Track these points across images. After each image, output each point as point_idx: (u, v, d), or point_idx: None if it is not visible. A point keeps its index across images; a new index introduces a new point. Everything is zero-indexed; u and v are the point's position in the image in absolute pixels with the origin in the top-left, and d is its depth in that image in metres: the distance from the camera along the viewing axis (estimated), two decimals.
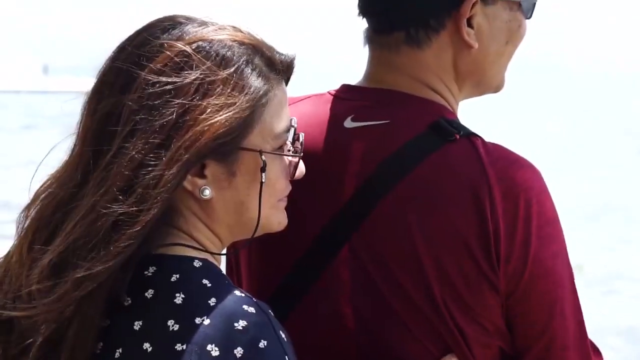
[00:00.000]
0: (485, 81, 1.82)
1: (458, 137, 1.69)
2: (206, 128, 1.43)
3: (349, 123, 1.74)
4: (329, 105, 1.77)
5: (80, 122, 1.50)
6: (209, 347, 1.39)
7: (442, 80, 1.78)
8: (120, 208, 1.41)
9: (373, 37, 1.78)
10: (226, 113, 1.44)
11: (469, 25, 1.75)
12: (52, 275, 1.42)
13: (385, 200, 1.68)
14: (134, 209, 1.41)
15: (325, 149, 1.73)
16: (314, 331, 1.72)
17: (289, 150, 1.54)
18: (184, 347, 1.39)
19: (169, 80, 1.44)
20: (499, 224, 1.65)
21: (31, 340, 1.44)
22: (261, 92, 1.48)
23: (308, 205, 1.71)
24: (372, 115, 1.73)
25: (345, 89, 1.80)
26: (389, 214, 1.68)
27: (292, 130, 1.55)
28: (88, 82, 1.52)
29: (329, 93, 1.81)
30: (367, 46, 1.81)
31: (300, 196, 1.67)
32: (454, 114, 1.76)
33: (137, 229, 1.41)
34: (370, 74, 1.80)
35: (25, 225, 1.49)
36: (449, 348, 1.68)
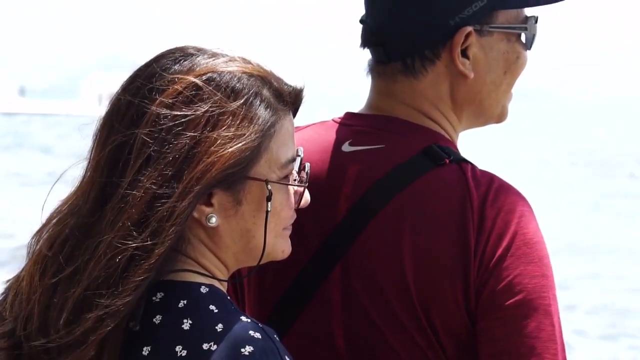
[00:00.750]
0: (484, 111, 1.87)
1: (448, 161, 1.74)
2: (216, 159, 1.46)
3: (346, 147, 1.79)
4: (331, 131, 1.83)
5: (91, 151, 1.52)
6: None
7: (438, 109, 1.82)
8: (135, 242, 1.43)
9: (374, 67, 1.84)
10: (236, 144, 1.47)
11: (465, 55, 1.80)
12: (75, 315, 1.44)
13: (374, 222, 1.73)
14: (149, 242, 1.43)
15: (324, 172, 1.79)
16: (308, 352, 1.76)
17: (294, 180, 1.57)
18: None
19: (179, 113, 1.47)
20: (480, 243, 1.70)
21: None
22: (269, 123, 1.51)
23: (306, 227, 1.74)
24: (368, 140, 1.79)
25: (348, 116, 1.86)
26: (378, 235, 1.73)
27: (298, 160, 1.58)
28: (65, 105, 1.54)
29: (333, 120, 1.87)
30: (369, 75, 1.86)
31: (301, 217, 1.70)
32: (449, 142, 1.81)
33: (152, 261, 1.44)
34: (370, 101, 1.86)
35: (37, 250, 1.51)
36: None
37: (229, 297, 1.53)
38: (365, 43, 1.85)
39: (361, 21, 1.86)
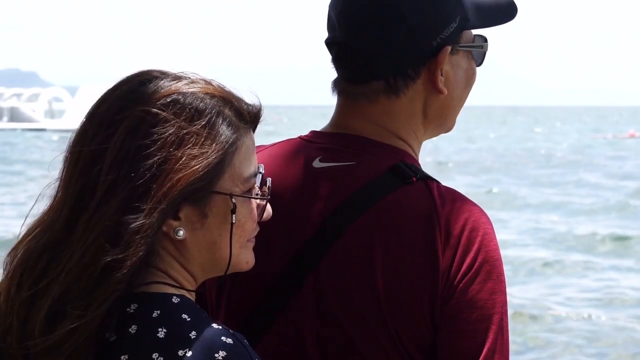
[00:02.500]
0: (446, 124, 1.97)
1: (415, 180, 1.82)
2: (182, 175, 1.54)
3: (317, 163, 1.86)
4: (300, 148, 1.90)
5: (62, 171, 1.60)
6: None
7: (410, 126, 1.91)
8: (108, 256, 1.51)
9: (346, 88, 1.90)
10: (200, 161, 1.55)
11: (440, 73, 1.89)
12: (49, 325, 1.51)
13: (346, 234, 1.80)
14: (121, 256, 1.51)
15: (295, 187, 1.85)
16: (280, 357, 1.82)
17: (257, 194, 1.65)
18: None
19: (147, 135, 1.55)
20: (446, 259, 1.77)
21: None
22: (231, 140, 1.60)
23: (278, 239, 1.82)
24: (338, 157, 1.86)
25: (315, 134, 1.93)
26: (350, 247, 1.80)
27: (259, 176, 1.66)
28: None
29: (300, 137, 1.93)
30: (336, 95, 1.93)
31: (270, 231, 1.79)
32: (413, 159, 1.89)
33: (124, 273, 1.51)
34: (338, 120, 1.92)
35: (13, 266, 1.58)
36: None
37: (198, 306, 1.60)
38: (341, 63, 1.89)
39: (332, 42, 1.90)
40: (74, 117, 73.58)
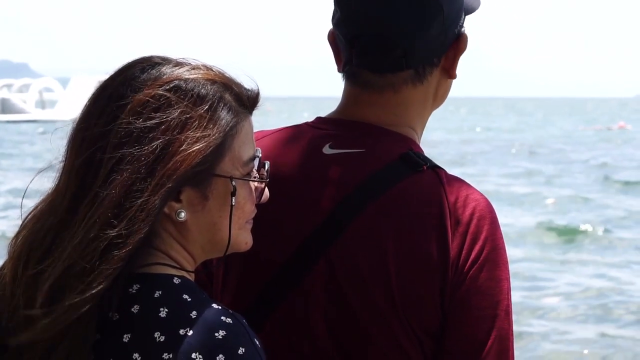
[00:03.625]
0: (442, 102, 2.02)
1: (425, 168, 1.87)
2: (185, 157, 1.58)
3: (327, 150, 1.89)
4: (308, 135, 1.93)
5: (66, 154, 1.63)
6: (193, 355, 1.52)
7: (421, 112, 1.96)
8: (112, 232, 1.54)
9: (372, 79, 1.92)
10: (202, 144, 1.59)
11: None
12: (52, 299, 1.54)
13: (359, 218, 1.83)
14: (124, 232, 1.54)
15: (304, 172, 1.88)
16: (288, 339, 1.86)
17: (255, 177, 1.69)
18: (171, 356, 1.53)
19: (150, 119, 1.59)
20: (456, 246, 1.82)
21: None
22: (231, 124, 1.64)
23: (289, 223, 1.86)
24: (348, 144, 1.89)
25: (322, 120, 1.96)
26: (363, 232, 1.83)
27: (257, 159, 1.70)
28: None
29: (306, 124, 1.96)
30: (350, 83, 1.95)
31: (281, 215, 1.84)
32: (419, 146, 1.94)
33: (126, 250, 1.55)
34: (348, 108, 1.95)
35: (18, 246, 1.61)
36: None
37: (198, 287, 1.64)
38: (374, 54, 1.89)
39: (360, 35, 1.90)
40: (66, 107, 73.56)
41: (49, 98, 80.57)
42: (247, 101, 1.69)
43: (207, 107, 1.62)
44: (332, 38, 1.98)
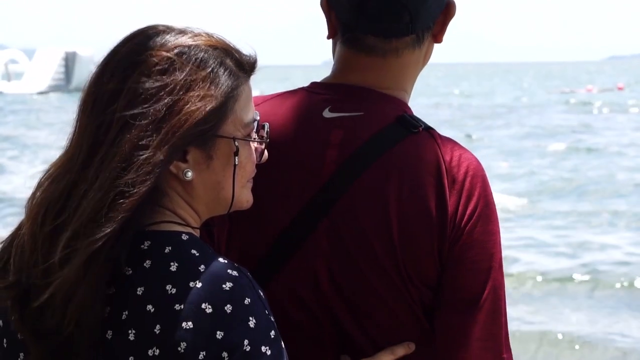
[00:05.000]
0: (425, 66, 2.11)
1: (420, 129, 1.96)
2: (189, 116, 1.67)
3: (327, 113, 1.98)
4: (307, 99, 2.01)
5: (78, 115, 1.72)
6: (203, 306, 1.62)
7: (413, 75, 2.05)
8: (120, 181, 1.63)
9: (377, 44, 1.99)
10: (205, 103, 1.69)
11: None
12: (67, 258, 1.63)
13: (361, 178, 1.92)
14: (130, 182, 1.63)
15: (306, 135, 1.97)
16: (294, 293, 1.95)
17: (255, 138, 1.79)
18: (182, 306, 1.62)
19: (157, 81, 1.68)
20: (452, 203, 1.92)
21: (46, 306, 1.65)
22: (232, 87, 1.73)
23: (292, 184, 1.95)
24: (347, 108, 1.98)
25: (318, 85, 2.04)
26: (365, 190, 1.92)
27: (256, 122, 1.80)
28: None
29: (303, 89, 2.05)
30: (348, 48, 2.01)
31: (284, 176, 1.93)
32: (410, 109, 2.03)
33: (132, 199, 1.64)
34: (345, 73, 2.02)
35: (34, 206, 1.70)
36: (414, 313, 1.93)
37: (205, 243, 1.73)
38: (384, 19, 1.95)
39: (365, 1, 1.94)
40: (32, 79, 72.88)
41: (14, 70, 79.85)
42: (246, 66, 1.78)
43: (209, 70, 1.71)
44: (326, 4, 2.04)
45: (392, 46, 1.99)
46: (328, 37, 2.08)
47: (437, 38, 2.05)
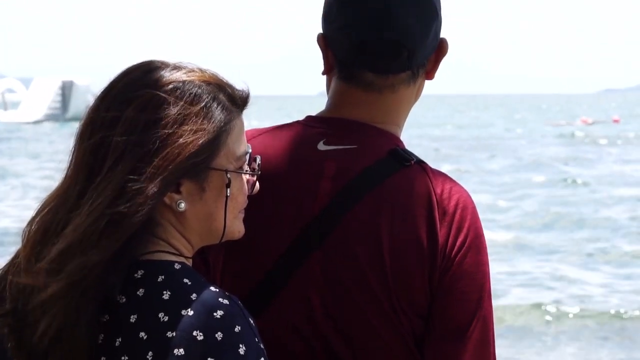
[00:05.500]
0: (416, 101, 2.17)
1: (412, 163, 2.02)
2: (182, 149, 1.73)
3: (321, 146, 2.04)
4: (302, 132, 2.07)
5: (73, 150, 1.78)
6: (194, 333, 1.66)
7: (406, 111, 2.12)
8: (112, 210, 1.68)
9: (374, 80, 2.05)
10: (198, 137, 1.74)
11: None
12: (59, 264, 1.68)
13: (355, 210, 1.98)
14: (124, 211, 1.68)
15: (301, 167, 2.02)
16: (289, 323, 2.00)
17: (247, 171, 1.85)
18: (174, 334, 1.66)
19: (151, 116, 1.74)
20: (443, 234, 1.98)
21: (40, 332, 1.69)
22: (224, 121, 1.79)
23: (286, 215, 1.99)
24: (341, 141, 2.04)
25: (313, 119, 2.10)
26: (359, 221, 1.98)
27: (248, 154, 1.85)
28: None
29: (298, 122, 2.10)
30: (343, 86, 2.07)
31: (278, 206, 1.98)
32: (402, 143, 2.09)
33: (125, 229, 1.69)
34: (340, 107, 2.08)
35: (31, 235, 1.75)
36: (406, 344, 1.98)
37: (197, 272, 1.78)
38: (382, 56, 2.02)
39: (372, 38, 2.01)
40: (29, 108, 72.91)
41: (11, 99, 79.93)
42: (239, 100, 1.84)
43: (202, 105, 1.77)
44: (324, 42, 2.09)
45: (388, 82, 2.06)
46: (323, 73, 2.14)
47: (430, 75, 2.12)
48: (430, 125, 67.49)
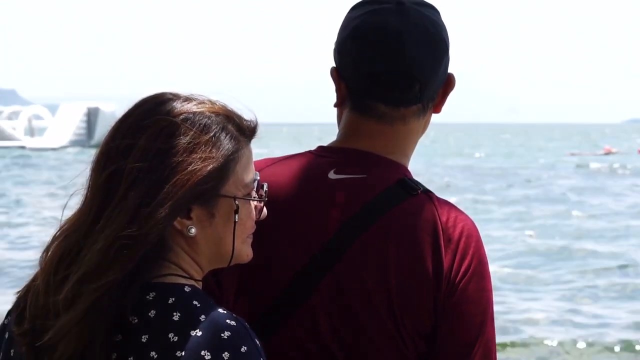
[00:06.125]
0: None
1: (419, 192, 2.11)
2: (191, 176, 1.82)
3: (332, 175, 2.12)
4: (313, 162, 2.16)
5: (91, 174, 1.87)
6: (202, 353, 1.74)
7: (414, 142, 2.21)
8: (125, 234, 1.77)
9: (387, 112, 2.14)
10: (206, 165, 1.83)
11: None
12: (73, 296, 1.77)
13: (363, 237, 2.06)
14: (134, 234, 1.77)
15: (312, 194, 2.11)
16: (299, 344, 2.08)
17: (254, 197, 1.94)
18: (183, 353, 1.74)
19: (162, 145, 1.83)
20: (448, 260, 2.06)
21: (59, 355, 1.78)
22: (232, 150, 1.88)
23: (298, 241, 2.08)
24: (351, 170, 2.13)
25: (324, 149, 2.19)
26: (366, 249, 2.06)
27: (256, 182, 1.94)
28: None
29: (310, 152, 2.20)
30: (356, 117, 2.16)
31: (290, 234, 2.08)
32: (410, 173, 2.17)
33: (135, 252, 1.78)
34: (351, 138, 2.17)
35: (48, 260, 1.84)
36: None
37: (206, 294, 1.86)
38: (396, 88, 2.10)
39: (385, 71, 2.09)
40: (55, 135, 73.43)
41: (38, 125, 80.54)
42: (247, 130, 1.93)
43: (211, 134, 1.86)
44: (336, 74, 2.18)
45: (400, 114, 2.14)
46: (335, 105, 2.23)
47: (437, 108, 2.21)
48: (457, 155, 67.36)
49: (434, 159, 55.60)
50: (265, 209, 1.98)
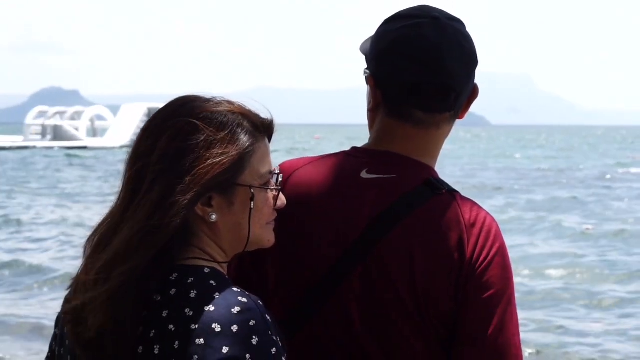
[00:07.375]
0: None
1: (444, 191, 2.29)
2: (210, 168, 2.02)
3: (364, 174, 2.31)
4: (347, 161, 2.34)
5: (125, 175, 2.09)
6: (213, 325, 1.92)
7: (441, 146, 2.39)
8: (149, 223, 1.99)
9: (422, 118, 2.30)
10: (222, 159, 2.04)
11: None
12: (106, 271, 1.99)
13: (392, 232, 2.24)
14: (158, 223, 1.99)
15: (346, 192, 2.30)
16: (331, 332, 2.26)
17: (269, 186, 2.12)
18: (196, 326, 1.93)
19: (184, 141, 2.04)
20: (469, 252, 2.23)
21: (91, 327, 2.00)
22: (247, 144, 2.08)
23: (330, 236, 2.28)
24: (382, 171, 2.31)
25: (358, 150, 2.38)
26: (395, 242, 2.24)
27: (275, 174, 2.15)
28: None
29: (344, 153, 2.39)
30: (393, 122, 2.31)
31: (324, 228, 2.28)
32: (437, 173, 2.35)
33: (159, 238, 1.99)
34: (384, 140, 2.34)
35: (91, 247, 2.07)
36: (434, 352, 2.23)
37: (225, 276, 2.06)
38: (432, 97, 2.27)
39: (423, 81, 2.25)
40: (116, 135, 74.24)
41: (100, 126, 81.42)
42: (261, 127, 2.13)
43: (227, 131, 2.06)
44: (373, 82, 2.33)
45: (435, 120, 2.31)
46: (369, 110, 2.38)
47: (461, 115, 2.39)
48: (505, 157, 66.29)
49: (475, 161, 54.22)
50: (282, 197, 2.16)
